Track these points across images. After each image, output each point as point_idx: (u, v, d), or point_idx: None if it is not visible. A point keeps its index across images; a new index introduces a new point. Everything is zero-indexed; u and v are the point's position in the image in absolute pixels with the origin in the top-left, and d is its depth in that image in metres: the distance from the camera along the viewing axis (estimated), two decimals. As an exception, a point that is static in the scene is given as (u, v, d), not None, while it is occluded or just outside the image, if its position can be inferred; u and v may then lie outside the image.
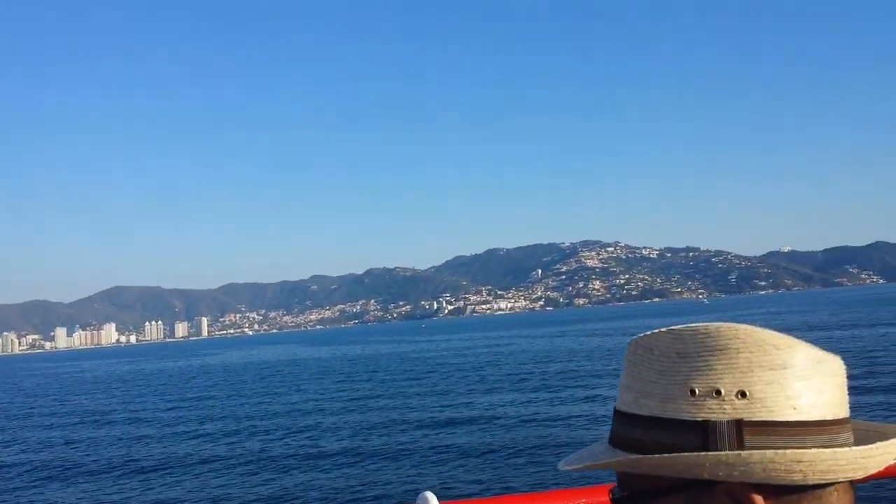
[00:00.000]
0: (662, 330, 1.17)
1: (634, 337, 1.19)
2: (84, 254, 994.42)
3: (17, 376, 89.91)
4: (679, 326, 1.14)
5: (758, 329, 1.12)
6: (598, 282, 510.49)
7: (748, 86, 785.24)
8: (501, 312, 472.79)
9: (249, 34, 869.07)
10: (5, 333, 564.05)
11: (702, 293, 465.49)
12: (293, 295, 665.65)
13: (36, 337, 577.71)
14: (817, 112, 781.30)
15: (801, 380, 1.09)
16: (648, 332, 1.18)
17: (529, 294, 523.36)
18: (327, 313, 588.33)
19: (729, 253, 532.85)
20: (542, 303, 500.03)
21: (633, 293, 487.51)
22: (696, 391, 1.10)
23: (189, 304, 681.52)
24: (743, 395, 1.09)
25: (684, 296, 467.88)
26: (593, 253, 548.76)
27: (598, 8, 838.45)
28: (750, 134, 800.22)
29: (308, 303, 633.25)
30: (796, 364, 1.09)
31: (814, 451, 1.05)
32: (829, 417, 1.09)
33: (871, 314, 64.75)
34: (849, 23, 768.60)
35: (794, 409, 1.08)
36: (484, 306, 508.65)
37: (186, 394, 40.52)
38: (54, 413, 35.43)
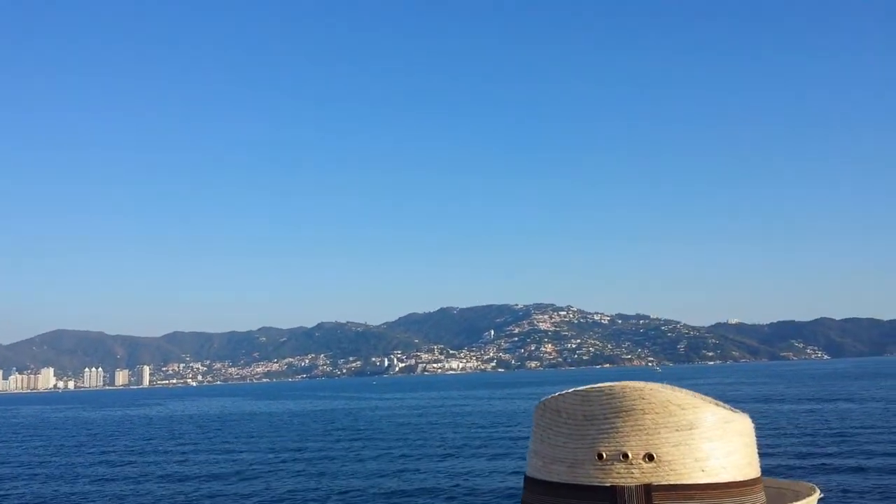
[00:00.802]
0: (570, 391, 1.14)
1: (543, 399, 1.17)
2: (25, 295, 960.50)
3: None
4: (586, 387, 1.13)
5: (663, 388, 1.11)
6: (549, 345, 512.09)
7: (699, 158, 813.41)
8: (453, 372, 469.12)
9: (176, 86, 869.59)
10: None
11: (651, 361, 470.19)
12: (240, 346, 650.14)
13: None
14: (768, 187, 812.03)
15: (708, 441, 1.07)
16: (556, 394, 1.15)
17: (482, 355, 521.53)
18: (275, 366, 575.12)
19: (678, 322, 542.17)
20: (493, 364, 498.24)
21: (585, 358, 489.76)
22: (604, 455, 1.08)
23: (131, 351, 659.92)
24: (650, 458, 1.08)
25: (634, 363, 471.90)
26: (546, 316, 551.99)
27: (536, 72, 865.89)
28: (701, 205, 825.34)
29: (255, 355, 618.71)
30: (703, 424, 1.08)
31: None
32: (739, 478, 1.07)
33: (823, 388, 66.04)
34: (799, 95, 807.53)
35: (703, 471, 1.07)
36: (435, 365, 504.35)
37: (115, 446, 38.73)
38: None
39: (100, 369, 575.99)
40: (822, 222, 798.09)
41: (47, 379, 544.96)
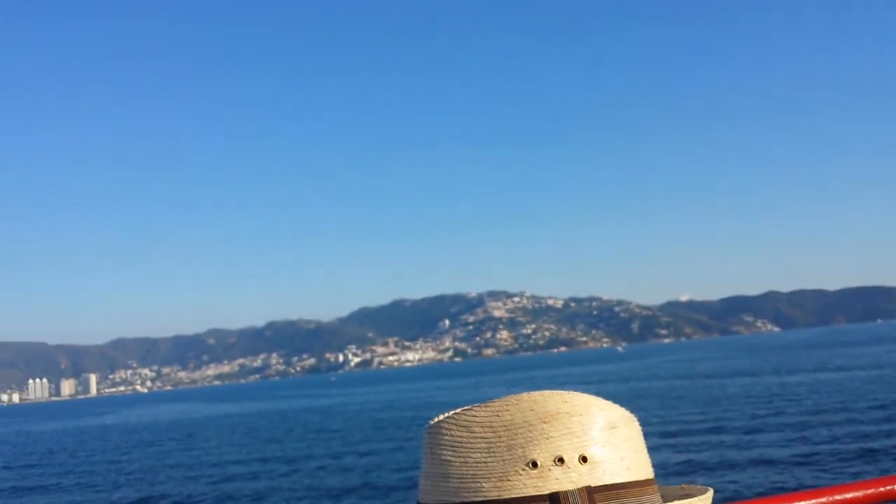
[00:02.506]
0: (475, 406, 1.12)
1: (436, 420, 1.13)
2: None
3: None
4: (496, 400, 1.10)
5: (576, 393, 1.12)
6: (505, 332, 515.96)
7: (641, 134, 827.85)
8: (410, 364, 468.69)
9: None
10: None
11: (606, 341, 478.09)
12: (188, 349, 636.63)
13: None
14: (712, 160, 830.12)
15: (625, 440, 1.11)
16: (456, 411, 1.12)
17: (437, 345, 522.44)
18: (226, 368, 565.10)
19: (630, 302, 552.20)
20: (450, 353, 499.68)
21: (541, 343, 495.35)
22: (538, 462, 1.07)
23: (75, 360, 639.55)
24: (584, 459, 1.08)
25: (590, 345, 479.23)
26: (500, 303, 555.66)
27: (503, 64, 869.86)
28: (645, 182, 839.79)
29: (205, 357, 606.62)
30: (619, 424, 1.11)
31: None
32: (649, 476, 1.12)
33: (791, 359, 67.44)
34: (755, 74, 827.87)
35: (628, 469, 1.10)
36: (392, 357, 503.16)
37: (79, 456, 36.92)
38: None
39: (44, 380, 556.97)
40: (766, 194, 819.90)
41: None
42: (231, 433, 44.63)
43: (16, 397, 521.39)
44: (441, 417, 1.12)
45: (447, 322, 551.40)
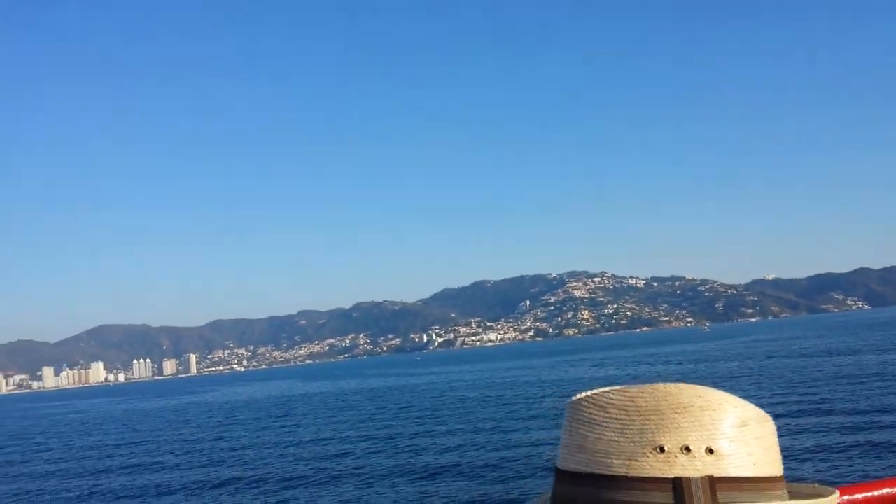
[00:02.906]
0: (614, 388, 1.19)
1: (578, 396, 1.22)
2: (68, 293, 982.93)
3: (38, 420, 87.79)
4: (634, 387, 1.18)
5: (712, 389, 1.19)
6: (586, 311, 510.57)
7: (727, 112, 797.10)
8: (492, 344, 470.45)
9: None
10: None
11: (689, 321, 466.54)
12: (281, 330, 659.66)
13: (23, 377, 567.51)
14: (799, 138, 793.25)
15: (755, 438, 1.17)
16: (596, 391, 1.20)
17: (519, 325, 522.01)
18: (317, 348, 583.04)
19: (714, 282, 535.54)
20: (531, 333, 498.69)
21: (622, 322, 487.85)
22: (665, 448, 1.13)
23: (176, 341, 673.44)
24: (710, 451, 1.14)
25: (672, 324, 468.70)
26: (580, 283, 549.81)
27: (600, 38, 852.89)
28: (731, 160, 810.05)
29: (297, 338, 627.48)
30: (751, 423, 1.17)
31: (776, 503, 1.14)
32: (777, 474, 1.18)
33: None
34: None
35: (755, 465, 1.16)
36: (474, 338, 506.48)
37: (183, 433, 39.37)
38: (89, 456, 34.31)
39: (147, 361, 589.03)
40: (854, 169, 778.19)
41: (98, 373, 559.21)
42: (327, 410, 46.58)
43: (121, 377, 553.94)
44: (581, 395, 1.21)
45: (528, 303, 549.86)
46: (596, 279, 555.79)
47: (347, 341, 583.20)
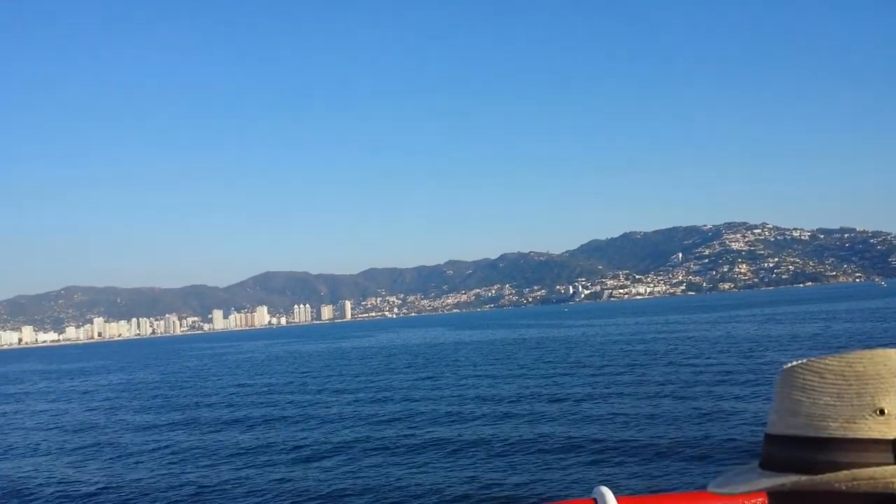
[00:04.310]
0: (830, 357, 1.23)
1: (792, 363, 1.25)
2: (237, 242, 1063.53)
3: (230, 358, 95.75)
4: (850, 353, 1.21)
5: None
6: (744, 265, 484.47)
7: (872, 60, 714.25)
8: (640, 297, 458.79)
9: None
10: (168, 315, 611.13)
11: (859, 276, 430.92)
12: (430, 280, 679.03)
13: (195, 319, 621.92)
14: None
15: None
16: (811, 359, 1.24)
17: (669, 279, 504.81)
18: (463, 297, 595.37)
19: (889, 234, 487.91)
20: (683, 287, 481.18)
21: (784, 277, 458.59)
22: (886, 411, 1.15)
23: (333, 288, 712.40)
24: None
25: (840, 279, 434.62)
26: (738, 235, 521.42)
27: None
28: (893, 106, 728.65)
29: (444, 287, 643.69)
30: None
31: None
32: None
33: None
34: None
35: None
36: (621, 291, 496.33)
37: (345, 375, 40.97)
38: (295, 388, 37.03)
39: (307, 306, 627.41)
40: None
41: (262, 316, 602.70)
42: (483, 358, 47.29)
43: (283, 320, 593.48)
44: (794, 363, 1.24)
45: (680, 255, 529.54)
46: (756, 231, 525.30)
47: (493, 291, 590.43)
